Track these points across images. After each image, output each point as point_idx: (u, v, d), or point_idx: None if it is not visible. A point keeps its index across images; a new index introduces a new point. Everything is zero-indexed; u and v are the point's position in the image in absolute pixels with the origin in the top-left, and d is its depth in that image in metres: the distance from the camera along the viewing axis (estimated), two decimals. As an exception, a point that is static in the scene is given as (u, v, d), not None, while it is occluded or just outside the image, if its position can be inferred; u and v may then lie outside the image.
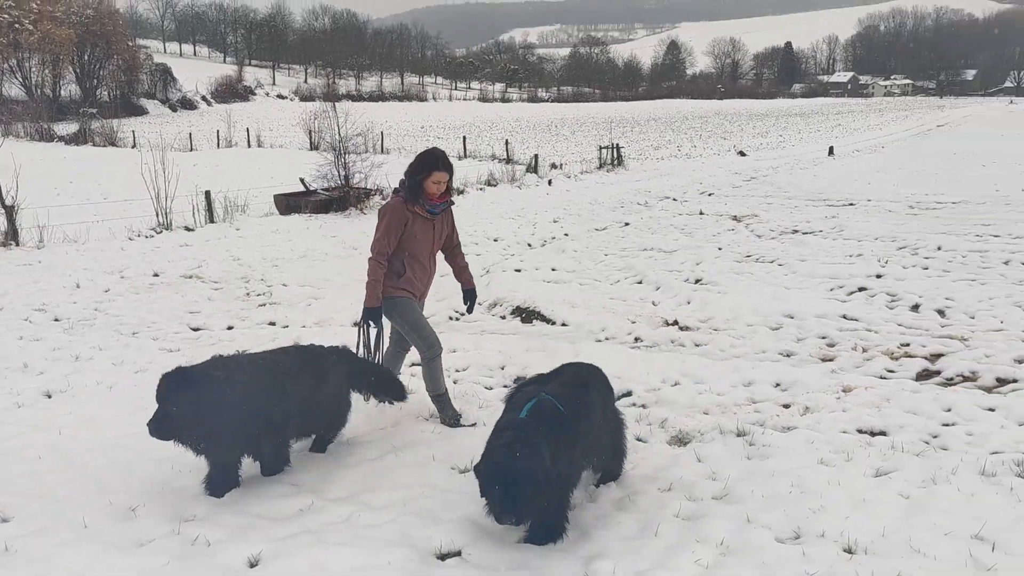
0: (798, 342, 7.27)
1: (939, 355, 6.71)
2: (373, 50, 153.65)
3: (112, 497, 4.26)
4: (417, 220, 5.30)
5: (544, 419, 3.77)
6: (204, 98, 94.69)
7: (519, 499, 3.50)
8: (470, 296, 5.88)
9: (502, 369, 6.68)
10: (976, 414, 5.26)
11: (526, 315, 8.74)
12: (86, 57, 76.75)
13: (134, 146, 37.55)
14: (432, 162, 5.22)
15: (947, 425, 5.12)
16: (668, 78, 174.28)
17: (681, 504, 4.09)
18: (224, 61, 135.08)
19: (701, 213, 15.69)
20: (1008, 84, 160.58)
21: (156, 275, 10.82)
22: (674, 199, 18.25)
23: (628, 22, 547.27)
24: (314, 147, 24.96)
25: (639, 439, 5.05)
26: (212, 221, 15.28)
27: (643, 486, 4.34)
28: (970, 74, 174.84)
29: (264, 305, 9.37)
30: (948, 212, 14.77)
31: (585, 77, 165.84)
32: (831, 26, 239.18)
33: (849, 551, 3.58)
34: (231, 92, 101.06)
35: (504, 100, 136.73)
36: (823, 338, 7.35)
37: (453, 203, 5.61)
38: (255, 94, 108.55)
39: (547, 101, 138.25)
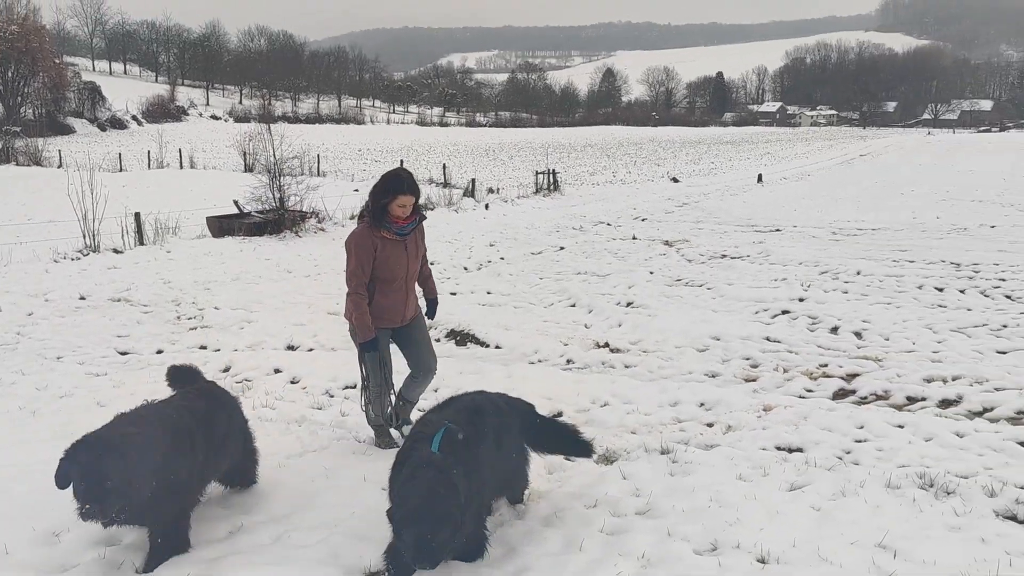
0: (723, 363, 7.51)
1: (855, 375, 7.02)
2: (310, 72, 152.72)
3: (35, 523, 4.20)
4: (386, 245, 5.08)
5: (456, 451, 3.67)
6: (135, 117, 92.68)
7: (437, 543, 3.36)
8: (432, 305, 5.75)
9: (435, 392, 6.75)
10: (887, 431, 5.53)
11: (461, 338, 8.83)
12: (10, 74, 74.50)
13: (60, 166, 36.61)
14: (396, 185, 5.00)
15: (859, 441, 5.37)
16: (604, 105, 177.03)
17: (606, 520, 4.22)
18: (156, 80, 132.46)
19: (634, 238, 16.04)
20: (926, 116, 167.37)
21: (83, 298, 10.60)
22: (609, 224, 18.59)
23: (565, 49, 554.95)
24: (249, 169, 24.76)
25: (568, 458, 5.17)
26: (142, 243, 15.01)
27: (570, 503, 4.46)
28: (891, 106, 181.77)
29: (195, 328, 9.27)
30: (868, 238, 15.39)
31: (523, 102, 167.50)
32: (760, 58, 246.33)
33: (762, 561, 3.75)
34: (163, 112, 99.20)
35: (442, 124, 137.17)
36: (747, 359, 7.61)
37: (424, 218, 5.38)
38: (188, 114, 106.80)
39: (485, 126, 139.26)
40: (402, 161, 35.84)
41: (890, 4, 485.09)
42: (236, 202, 17.68)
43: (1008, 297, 9.81)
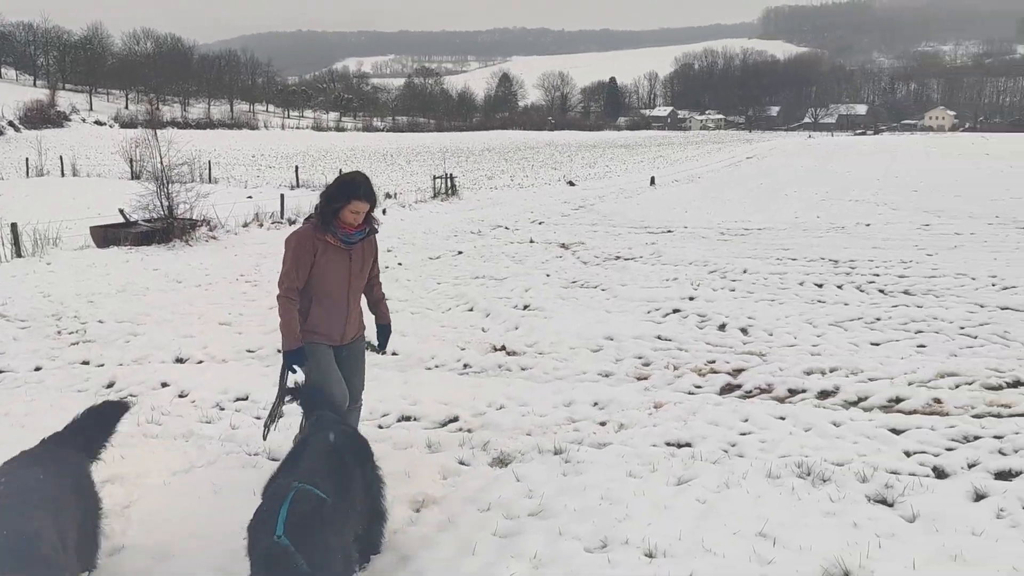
0: (616, 363, 7.67)
1: (741, 370, 7.29)
2: (200, 76, 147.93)
3: None
4: (328, 251, 4.59)
5: (308, 528, 3.06)
6: (11, 124, 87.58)
7: None
8: (384, 332, 5.14)
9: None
10: (769, 423, 5.76)
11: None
12: None
13: (-74, 175, 34.36)
14: (352, 189, 4.50)
15: (744, 434, 5.59)
16: (501, 109, 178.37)
17: (499, 522, 4.26)
18: (35, 84, 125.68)
19: (531, 241, 16.20)
20: (807, 120, 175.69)
21: (-49, 315, 9.98)
22: (507, 228, 18.72)
23: (461, 54, 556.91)
24: (136, 176, 23.76)
25: (462, 463, 5.19)
26: (19, 256, 14.23)
27: (463, 507, 4.48)
28: (774, 110, 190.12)
29: (77, 344, 8.85)
30: (754, 238, 15.99)
31: (420, 107, 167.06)
32: (651, 63, 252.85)
33: (650, 555, 3.86)
34: (43, 118, 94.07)
35: (339, 129, 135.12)
36: (639, 358, 7.79)
37: (376, 230, 4.82)
38: (70, 120, 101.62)
39: (382, 130, 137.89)
40: (297, 167, 35.15)
41: (771, 13, 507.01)
42: (122, 211, 16.99)
43: (881, 291, 10.37)
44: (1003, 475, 4.81)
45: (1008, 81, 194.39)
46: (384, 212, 22.16)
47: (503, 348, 8.36)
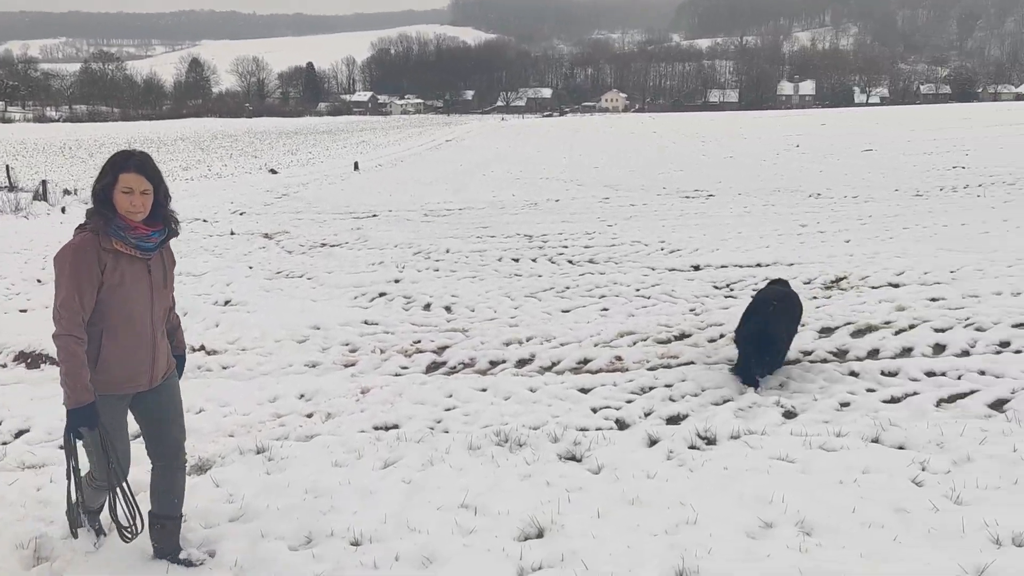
0: (323, 351, 7.54)
1: (445, 347, 7.48)
2: None
3: None
4: (120, 263, 3.39)
5: None
6: None
7: None
8: (179, 364, 3.93)
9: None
10: (472, 396, 5.98)
11: (32, 360, 7.78)
12: None
13: None
14: (121, 160, 3.42)
15: (448, 410, 5.74)
16: (194, 96, 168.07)
17: (198, 532, 4.00)
18: None
19: (232, 233, 15.42)
20: (500, 103, 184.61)
21: None
22: (205, 220, 17.63)
23: (143, 37, 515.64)
24: None
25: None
26: None
27: (157, 525, 4.15)
28: (470, 94, 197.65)
29: None
30: (456, 218, 16.49)
31: (101, 95, 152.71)
32: (348, 48, 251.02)
33: (355, 543, 3.83)
34: None
35: (4, 120, 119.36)
36: (346, 344, 7.72)
37: (176, 233, 3.64)
38: None
39: (58, 121, 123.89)
40: None
41: (460, 0, 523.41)
42: None
43: (570, 262, 11.16)
44: (673, 420, 5.39)
45: (667, 66, 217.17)
46: (64, 211, 19.98)
47: (202, 348, 7.88)
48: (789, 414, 5.42)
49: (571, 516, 3.96)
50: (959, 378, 5.96)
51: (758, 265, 10.50)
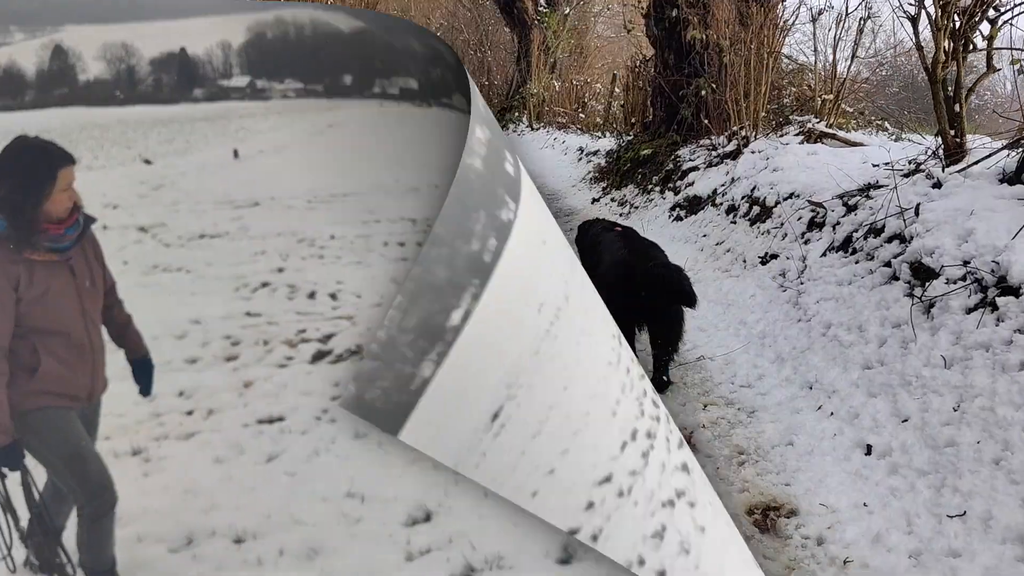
0: (203, 346, 7.18)
1: (331, 336, 7.34)
2: None
3: None
4: (36, 273, 2.83)
5: None
6: None
7: None
8: (144, 369, 3.31)
9: None
10: (363, 381, 5.88)
11: None
12: None
13: None
14: (57, 152, 2.87)
15: (335, 398, 5.63)
16: (59, 85, 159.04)
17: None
18: None
19: (105, 227, 14.70)
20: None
21: None
22: (70, 216, 16.79)
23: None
24: None
25: None
26: None
27: None
28: (348, 79, 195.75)
29: None
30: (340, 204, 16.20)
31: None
32: (223, 31, 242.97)
33: (239, 540, 3.72)
34: None
35: None
36: (228, 338, 7.42)
37: (94, 220, 3.08)
38: None
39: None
40: None
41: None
42: None
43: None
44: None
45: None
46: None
47: (71, 350, 7.50)
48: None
49: (458, 499, 3.97)
50: None
51: None
